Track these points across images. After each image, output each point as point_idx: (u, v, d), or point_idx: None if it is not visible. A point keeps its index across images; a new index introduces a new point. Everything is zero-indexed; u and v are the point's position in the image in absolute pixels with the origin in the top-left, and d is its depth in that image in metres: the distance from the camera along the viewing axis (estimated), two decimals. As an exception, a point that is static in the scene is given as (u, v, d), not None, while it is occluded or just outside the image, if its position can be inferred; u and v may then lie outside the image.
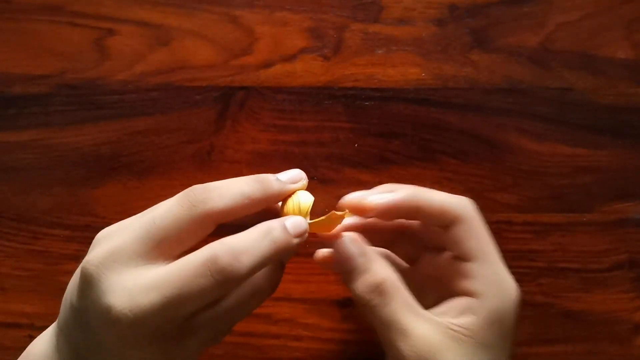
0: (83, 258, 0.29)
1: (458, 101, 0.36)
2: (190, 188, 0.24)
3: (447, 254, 0.28)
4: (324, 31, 0.36)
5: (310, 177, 0.36)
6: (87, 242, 0.36)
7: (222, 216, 0.24)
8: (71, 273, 0.36)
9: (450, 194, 0.27)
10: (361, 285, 0.26)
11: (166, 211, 0.24)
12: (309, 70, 0.36)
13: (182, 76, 0.37)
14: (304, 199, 0.27)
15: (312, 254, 0.35)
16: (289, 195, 0.27)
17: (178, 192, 0.26)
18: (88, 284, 0.23)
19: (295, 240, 0.25)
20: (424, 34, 0.36)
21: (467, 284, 0.26)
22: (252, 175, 0.26)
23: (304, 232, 0.26)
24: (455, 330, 0.25)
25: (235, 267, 0.23)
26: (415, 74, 0.36)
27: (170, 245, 0.24)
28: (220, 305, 0.26)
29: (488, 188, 0.36)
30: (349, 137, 0.36)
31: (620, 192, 0.35)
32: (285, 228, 0.25)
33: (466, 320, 0.26)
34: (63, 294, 0.35)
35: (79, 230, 0.36)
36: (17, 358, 0.28)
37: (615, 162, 0.36)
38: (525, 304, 0.35)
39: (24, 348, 0.30)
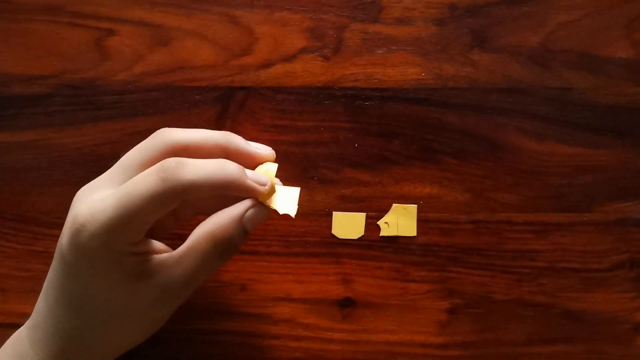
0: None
1: (458, 101, 0.36)
2: (165, 160, 0.26)
3: None
4: (323, 31, 0.36)
5: (310, 177, 0.36)
6: (87, 242, 0.36)
7: (190, 193, 0.26)
8: (71, 273, 0.36)
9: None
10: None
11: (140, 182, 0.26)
12: (309, 70, 0.36)
13: (182, 76, 0.37)
14: (271, 167, 0.29)
15: (312, 253, 0.36)
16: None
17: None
18: (70, 209, 0.26)
19: (249, 182, 0.26)
20: (424, 34, 0.36)
21: None
22: (221, 160, 0.27)
23: (263, 183, 0.27)
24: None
25: (180, 171, 0.25)
26: (415, 73, 0.36)
27: (137, 172, 0.27)
28: (176, 250, 0.27)
29: (488, 188, 0.36)
30: (349, 137, 0.36)
31: (621, 192, 0.35)
32: (241, 167, 0.27)
33: None
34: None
35: (79, 231, 0.36)
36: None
37: (615, 162, 0.36)
38: (525, 304, 0.35)
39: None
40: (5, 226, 0.37)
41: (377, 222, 0.35)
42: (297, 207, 0.29)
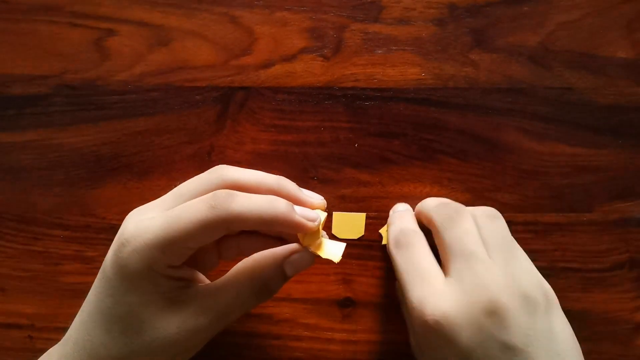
0: (83, 258, 0.29)
1: (458, 101, 0.36)
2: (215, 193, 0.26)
3: None
4: (323, 31, 0.36)
5: (310, 177, 0.36)
6: (87, 242, 0.36)
7: (237, 224, 0.26)
8: (71, 273, 0.36)
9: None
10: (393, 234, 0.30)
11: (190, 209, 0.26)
12: (309, 70, 0.36)
13: (182, 76, 0.37)
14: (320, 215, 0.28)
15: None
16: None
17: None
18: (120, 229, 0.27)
19: (298, 217, 0.26)
20: (424, 34, 0.36)
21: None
22: (271, 196, 0.27)
23: (312, 219, 0.27)
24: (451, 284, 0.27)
25: (230, 202, 0.25)
26: (415, 73, 0.36)
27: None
28: (214, 282, 0.28)
29: (488, 188, 0.36)
30: (349, 137, 0.36)
31: (620, 192, 0.35)
32: (290, 204, 0.26)
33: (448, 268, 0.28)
34: (63, 294, 0.35)
35: (79, 231, 0.36)
36: (18, 358, 0.29)
37: (615, 162, 0.36)
38: (525, 303, 0.35)
39: (24, 348, 0.30)
40: (5, 226, 0.37)
41: (379, 231, 0.35)
42: (341, 255, 0.28)
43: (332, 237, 0.35)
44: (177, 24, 0.37)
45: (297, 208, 0.27)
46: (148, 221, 0.26)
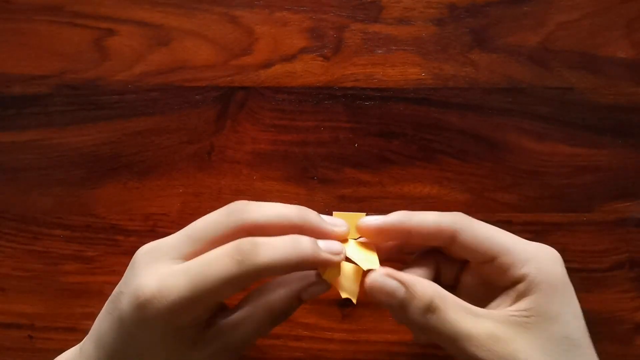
0: (83, 258, 0.29)
1: (458, 101, 0.36)
2: (240, 241, 0.25)
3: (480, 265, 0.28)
4: (323, 31, 0.36)
5: (310, 177, 0.36)
6: (87, 242, 0.36)
7: (265, 275, 0.25)
8: (71, 273, 0.36)
9: (442, 213, 0.27)
10: (413, 314, 0.26)
11: (209, 221, 0.26)
12: (309, 70, 0.36)
13: (182, 76, 0.37)
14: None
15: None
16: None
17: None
18: (130, 268, 0.26)
19: (324, 255, 0.25)
20: (423, 34, 0.36)
21: (507, 277, 0.26)
22: (295, 236, 0.25)
23: (338, 252, 0.26)
24: (517, 316, 0.25)
25: (255, 253, 0.24)
26: (415, 73, 0.36)
27: (207, 247, 0.25)
28: (233, 316, 0.27)
29: (488, 188, 0.36)
30: (349, 137, 0.36)
31: (620, 192, 0.35)
32: (314, 241, 0.25)
33: (524, 303, 0.25)
34: (63, 294, 0.35)
35: (79, 231, 0.36)
36: (18, 358, 0.28)
37: (615, 162, 0.36)
38: (525, 303, 0.35)
39: (24, 348, 0.30)
40: (5, 226, 0.37)
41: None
42: (357, 290, 0.27)
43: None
44: (177, 24, 0.37)
45: (321, 243, 0.26)
46: (171, 279, 0.24)
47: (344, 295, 0.27)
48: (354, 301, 0.27)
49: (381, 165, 0.36)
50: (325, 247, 0.26)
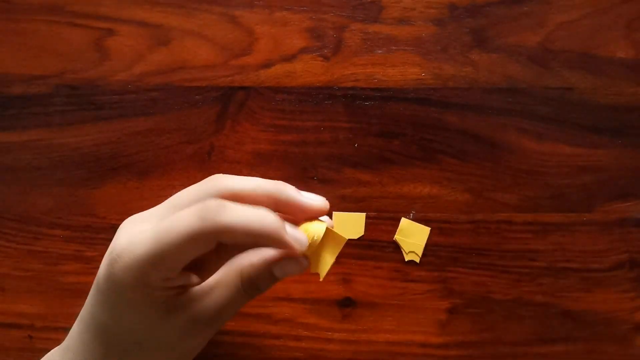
0: (83, 258, 0.29)
1: (458, 101, 0.36)
2: (206, 203, 0.25)
3: None
4: (323, 31, 0.36)
5: (310, 177, 0.36)
6: (87, 242, 0.36)
7: (225, 236, 0.25)
8: (71, 273, 0.36)
9: None
10: None
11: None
12: (309, 70, 0.36)
13: (182, 76, 0.37)
14: (319, 228, 0.27)
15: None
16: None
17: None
18: (114, 237, 0.27)
19: (286, 237, 0.25)
20: (423, 34, 0.36)
21: None
22: (262, 210, 0.25)
23: (302, 242, 0.26)
24: None
25: (219, 213, 0.24)
26: (415, 73, 0.36)
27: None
28: (204, 283, 0.27)
29: (488, 188, 0.36)
30: (349, 137, 0.36)
31: (620, 192, 0.35)
32: (282, 221, 0.25)
33: None
34: (63, 294, 0.35)
35: (79, 231, 0.36)
36: (18, 358, 0.29)
37: (615, 162, 0.36)
38: (524, 304, 0.35)
39: (24, 348, 0.30)
40: (5, 226, 0.37)
41: (395, 238, 0.35)
42: (327, 270, 0.28)
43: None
44: (177, 24, 0.37)
45: (289, 228, 0.26)
46: (139, 234, 0.25)
47: (313, 270, 0.27)
48: (321, 277, 0.27)
49: (381, 165, 0.36)
50: (291, 232, 0.25)
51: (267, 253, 0.28)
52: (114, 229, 0.36)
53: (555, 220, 0.35)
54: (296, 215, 0.27)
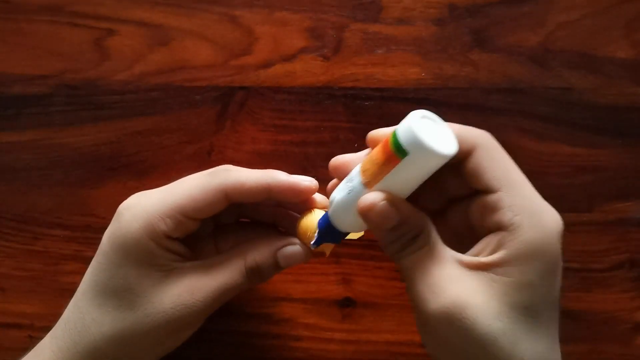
0: (83, 258, 0.29)
1: (458, 101, 0.36)
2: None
3: (474, 198, 0.25)
4: (323, 31, 0.36)
5: (310, 177, 0.36)
6: (87, 242, 0.36)
7: (236, 193, 0.27)
8: (71, 273, 0.36)
9: (467, 127, 0.25)
10: (402, 235, 0.24)
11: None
12: (309, 70, 0.36)
13: (182, 76, 0.37)
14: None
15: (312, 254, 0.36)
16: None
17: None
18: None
19: (293, 179, 0.27)
20: (423, 34, 0.36)
21: (496, 217, 0.23)
22: (272, 170, 0.28)
23: (309, 181, 0.28)
24: (486, 271, 0.23)
25: (228, 171, 0.27)
26: (415, 73, 0.36)
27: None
28: (209, 259, 0.28)
29: (488, 188, 0.36)
30: (349, 137, 0.36)
31: (620, 191, 0.35)
32: (287, 174, 0.27)
33: (497, 256, 0.23)
34: (63, 294, 0.35)
35: (79, 230, 0.36)
36: (18, 358, 0.29)
37: (615, 162, 0.36)
38: (525, 303, 0.35)
39: (24, 348, 0.30)
40: (5, 226, 0.37)
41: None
42: (331, 248, 0.29)
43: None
44: (177, 24, 0.37)
45: (296, 176, 0.28)
46: (148, 193, 0.27)
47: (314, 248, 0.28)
48: (327, 254, 0.29)
49: (381, 165, 0.36)
50: (299, 177, 0.28)
51: (272, 241, 0.28)
52: (114, 229, 0.37)
53: (555, 220, 0.35)
54: (289, 198, 0.28)
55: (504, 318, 0.22)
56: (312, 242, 0.27)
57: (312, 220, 0.28)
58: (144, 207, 0.26)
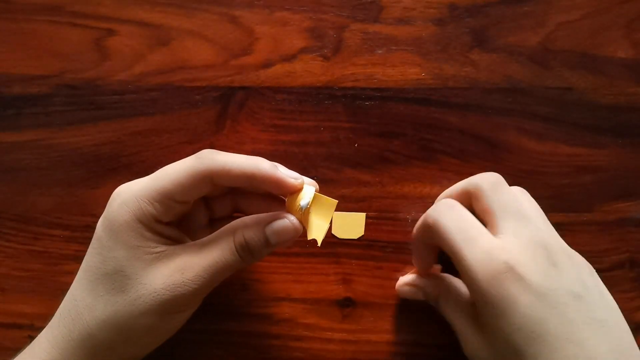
0: (82, 258, 0.29)
1: (458, 101, 0.36)
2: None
3: None
4: (323, 31, 0.36)
5: (310, 177, 0.36)
6: (87, 242, 0.36)
7: (222, 176, 0.27)
8: (71, 273, 0.36)
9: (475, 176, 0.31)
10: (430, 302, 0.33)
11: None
12: (309, 70, 0.36)
13: (182, 76, 0.37)
14: (305, 191, 0.29)
15: (312, 253, 0.36)
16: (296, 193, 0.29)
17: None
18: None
19: (279, 173, 0.27)
20: (423, 34, 0.36)
21: (462, 276, 0.29)
22: (259, 158, 0.28)
23: (295, 177, 0.28)
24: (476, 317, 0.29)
25: (215, 153, 0.27)
26: (415, 73, 0.36)
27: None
28: (199, 239, 0.28)
29: (488, 188, 0.36)
30: (349, 137, 0.36)
31: (620, 191, 0.35)
32: (273, 164, 0.28)
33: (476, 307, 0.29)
34: (63, 294, 0.35)
35: (79, 230, 0.36)
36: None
37: (615, 162, 0.36)
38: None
39: (24, 348, 0.30)
40: (5, 226, 0.37)
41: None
42: (324, 236, 0.29)
43: (332, 236, 0.35)
44: (177, 24, 0.37)
45: (281, 168, 0.28)
46: (137, 181, 0.28)
47: (310, 236, 0.28)
48: (319, 243, 0.28)
49: (381, 165, 0.36)
50: (284, 171, 0.28)
51: (260, 216, 0.28)
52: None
53: (555, 220, 0.35)
54: (273, 189, 0.28)
55: (496, 356, 0.28)
56: (301, 202, 0.28)
57: (299, 196, 0.28)
58: (133, 192, 0.27)
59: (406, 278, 0.34)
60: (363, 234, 0.36)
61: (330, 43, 0.36)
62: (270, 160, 0.35)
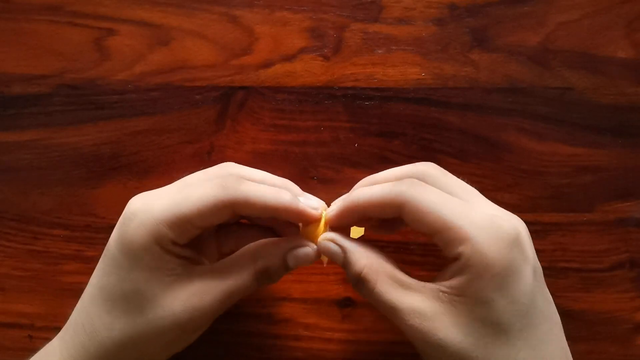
0: (83, 258, 0.29)
1: (458, 101, 0.36)
2: (226, 175, 0.27)
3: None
4: (323, 31, 0.36)
5: (310, 177, 0.36)
6: (87, 242, 0.36)
7: (244, 206, 0.26)
8: (71, 273, 0.36)
9: (394, 183, 0.27)
10: (350, 277, 0.28)
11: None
12: (309, 70, 0.36)
13: (182, 76, 0.37)
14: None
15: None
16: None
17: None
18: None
19: (301, 205, 0.27)
20: (424, 34, 0.36)
21: (446, 252, 0.26)
22: (276, 188, 0.28)
23: (315, 207, 0.28)
24: (446, 293, 0.25)
25: (239, 184, 0.26)
26: (415, 73, 0.36)
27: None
28: (218, 262, 0.28)
29: (488, 188, 0.36)
30: (349, 137, 0.36)
31: (620, 191, 0.35)
32: (294, 196, 0.27)
33: (456, 281, 0.25)
34: (63, 294, 0.35)
35: (79, 230, 0.36)
36: (18, 358, 0.29)
37: (615, 162, 0.36)
38: (525, 303, 0.35)
39: (24, 348, 0.30)
40: (5, 226, 0.37)
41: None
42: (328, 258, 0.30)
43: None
44: (177, 23, 0.37)
45: (303, 199, 0.28)
46: (156, 200, 0.26)
47: (325, 262, 0.29)
48: (325, 263, 0.30)
49: (381, 165, 0.36)
50: (304, 201, 0.28)
51: (281, 243, 0.29)
52: (113, 228, 0.37)
53: (555, 220, 0.35)
54: (293, 220, 0.28)
55: (474, 334, 0.25)
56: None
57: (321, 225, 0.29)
58: (152, 214, 0.26)
59: (330, 234, 0.28)
60: (363, 234, 0.36)
61: (331, 43, 0.36)
62: (270, 160, 0.35)
